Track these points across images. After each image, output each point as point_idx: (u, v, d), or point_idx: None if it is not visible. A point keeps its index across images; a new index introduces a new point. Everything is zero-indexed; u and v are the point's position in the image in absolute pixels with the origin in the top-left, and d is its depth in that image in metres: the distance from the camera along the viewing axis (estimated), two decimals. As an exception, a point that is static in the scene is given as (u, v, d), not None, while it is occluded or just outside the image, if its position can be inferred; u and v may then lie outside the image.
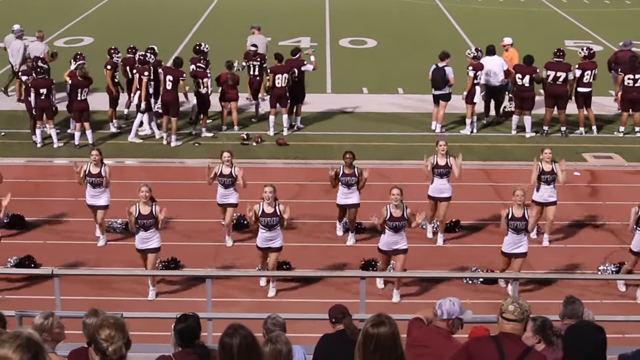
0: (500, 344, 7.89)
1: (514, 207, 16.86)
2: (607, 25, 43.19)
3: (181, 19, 42.52)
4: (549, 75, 25.97)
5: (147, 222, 16.89)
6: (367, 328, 7.44)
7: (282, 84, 25.74)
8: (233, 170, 19.02)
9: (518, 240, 17.02)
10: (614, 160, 25.00)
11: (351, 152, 19.27)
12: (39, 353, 5.12)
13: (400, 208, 16.80)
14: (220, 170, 19.05)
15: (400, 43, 38.38)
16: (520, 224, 16.88)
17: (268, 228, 16.99)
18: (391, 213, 16.80)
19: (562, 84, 26.02)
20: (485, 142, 26.03)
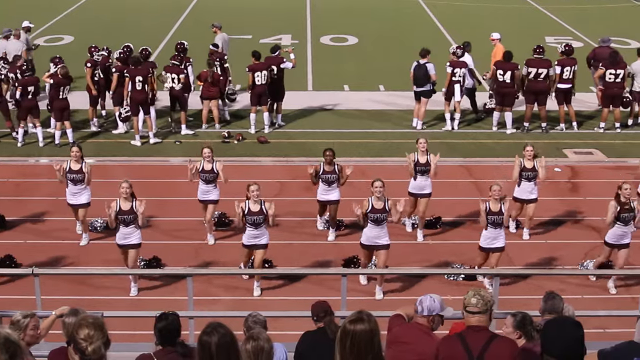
0: (464, 339, 8.01)
1: (491, 202, 16.96)
2: (587, 21, 43.36)
3: (162, 17, 42.44)
4: (530, 72, 26.04)
5: (128, 217, 16.86)
6: (345, 324, 7.47)
7: (261, 82, 25.70)
8: (214, 166, 19.02)
9: (496, 235, 17.12)
10: (594, 156, 25.07)
11: (331, 149, 19.30)
12: (16, 353, 5.10)
13: (382, 200, 16.83)
14: (202, 166, 19.04)
15: (381, 40, 38.42)
16: (497, 218, 16.97)
17: (254, 226, 16.99)
18: (373, 205, 16.83)
19: (542, 81, 26.11)
20: (466, 139, 26.08)
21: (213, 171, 19.03)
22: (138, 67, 24.99)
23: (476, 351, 7.96)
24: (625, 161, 24.53)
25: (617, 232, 17.21)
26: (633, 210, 17.10)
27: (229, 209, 19.75)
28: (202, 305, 15.61)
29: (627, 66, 26.46)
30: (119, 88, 25.47)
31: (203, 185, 19.19)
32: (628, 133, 26.79)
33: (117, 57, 25.86)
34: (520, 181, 19.30)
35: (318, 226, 20.17)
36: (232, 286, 17.52)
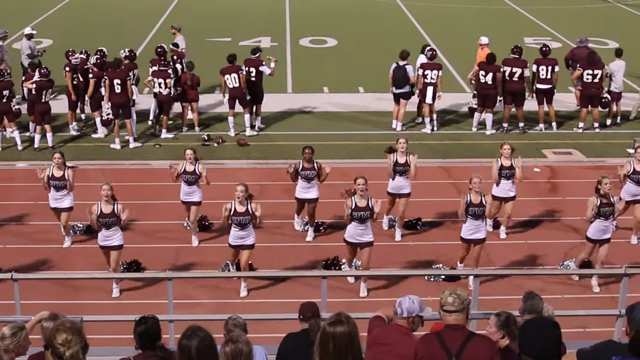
0: (442, 338, 8.05)
1: (472, 194, 17.02)
2: (566, 22, 43.52)
3: (141, 20, 42.35)
4: (505, 70, 26.14)
5: (109, 220, 16.88)
6: (324, 327, 7.48)
7: (233, 85, 25.65)
8: (197, 168, 19.01)
9: (477, 227, 17.20)
10: (573, 156, 25.16)
11: (310, 147, 19.38)
12: None
13: (365, 198, 16.88)
14: (184, 167, 19.03)
15: (360, 42, 38.46)
16: (478, 210, 17.06)
17: (240, 226, 17.03)
18: (356, 203, 16.87)
19: (518, 81, 26.18)
20: (446, 140, 26.13)
21: (195, 173, 19.03)
22: (117, 70, 24.94)
23: (454, 350, 8.01)
24: (604, 161, 24.63)
25: (599, 226, 17.29)
26: (613, 205, 17.19)
27: (210, 212, 19.76)
28: (182, 309, 15.56)
29: (605, 66, 26.56)
30: (97, 93, 25.42)
31: (185, 186, 19.18)
32: (607, 133, 26.90)
33: (94, 62, 25.77)
34: (499, 180, 19.37)
35: (295, 226, 20.18)
36: (214, 289, 17.49)
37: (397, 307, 8.88)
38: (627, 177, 19.32)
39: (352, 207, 16.88)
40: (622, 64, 27.18)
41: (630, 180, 19.32)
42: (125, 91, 24.81)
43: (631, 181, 19.33)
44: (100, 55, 25.93)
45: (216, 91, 30.20)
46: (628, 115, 28.06)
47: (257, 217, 17.05)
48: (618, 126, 27.46)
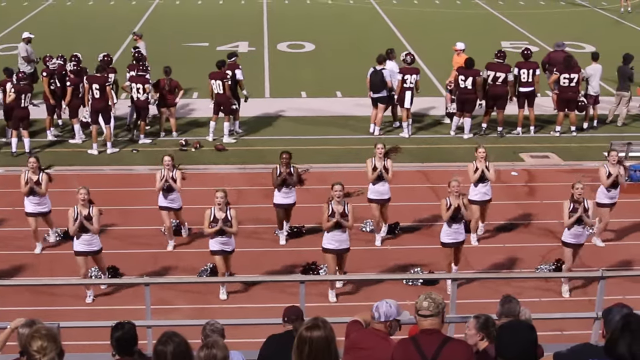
0: (418, 342, 8.06)
1: (451, 197, 17.07)
2: (543, 26, 43.70)
3: (118, 25, 42.22)
4: (489, 75, 26.23)
5: None
6: (301, 331, 7.47)
7: (217, 90, 25.62)
8: (174, 174, 18.97)
9: (457, 229, 17.25)
10: (550, 159, 25.26)
11: (288, 152, 19.39)
12: None
13: (341, 204, 16.91)
14: (163, 175, 18.99)
15: (338, 46, 38.49)
16: (458, 213, 17.07)
17: (220, 233, 17.00)
18: (333, 209, 16.88)
19: (502, 85, 26.28)
20: (424, 144, 26.17)
21: (172, 179, 18.99)
22: (96, 74, 24.89)
23: (430, 354, 8.01)
24: (581, 164, 24.74)
25: (574, 231, 17.36)
26: (587, 210, 17.27)
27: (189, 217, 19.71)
28: (160, 314, 15.54)
29: (581, 70, 26.67)
30: (74, 100, 25.36)
31: (163, 192, 19.13)
32: (584, 136, 27.01)
33: (71, 69, 25.68)
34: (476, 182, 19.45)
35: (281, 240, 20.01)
36: (192, 294, 17.44)
37: (375, 311, 8.89)
38: None
39: (329, 213, 16.90)
40: (599, 67, 27.31)
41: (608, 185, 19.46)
42: (104, 96, 24.73)
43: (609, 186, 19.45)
44: (76, 61, 25.83)
45: (194, 95, 30.18)
46: (605, 119, 28.21)
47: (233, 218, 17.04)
48: (595, 130, 27.58)
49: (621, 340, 6.40)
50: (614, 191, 19.51)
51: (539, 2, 51.36)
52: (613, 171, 19.34)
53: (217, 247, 17.22)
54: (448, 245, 17.47)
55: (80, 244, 17.07)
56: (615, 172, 19.34)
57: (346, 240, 17.24)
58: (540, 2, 51.39)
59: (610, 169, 19.37)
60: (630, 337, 6.38)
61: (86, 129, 25.86)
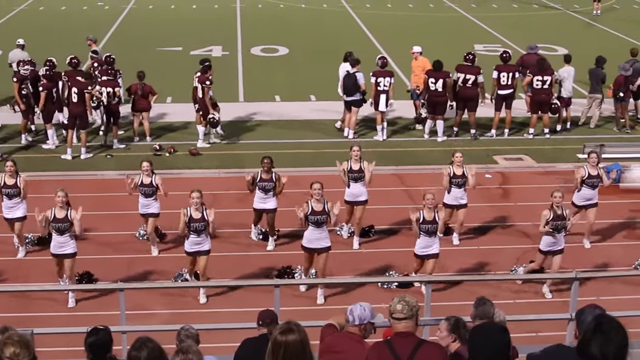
0: (392, 345, 8.08)
1: (425, 211, 17.05)
2: (515, 29, 43.89)
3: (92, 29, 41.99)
4: (459, 77, 26.33)
5: (62, 225, 16.81)
6: (275, 336, 7.46)
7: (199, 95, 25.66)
8: (153, 180, 18.93)
9: (430, 243, 17.23)
10: (524, 161, 25.35)
11: (269, 157, 19.39)
12: None
13: (321, 202, 17.01)
14: (141, 180, 18.95)
15: (311, 50, 38.51)
16: (431, 227, 17.09)
17: (196, 233, 17.04)
18: (312, 207, 16.96)
19: (471, 87, 26.37)
20: (398, 147, 26.22)
21: (152, 185, 18.96)
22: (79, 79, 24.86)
23: (404, 356, 8.03)
24: (554, 166, 24.85)
25: (550, 239, 17.41)
26: (565, 218, 17.33)
27: (164, 222, 19.66)
28: (136, 320, 15.48)
29: (554, 73, 26.80)
30: (48, 105, 25.26)
31: (142, 199, 19.11)
32: (557, 138, 27.14)
33: (43, 74, 25.57)
34: (450, 188, 19.47)
35: (252, 236, 20.14)
36: (168, 299, 17.40)
37: (349, 314, 8.90)
38: (583, 182, 19.49)
39: (309, 211, 16.94)
40: (571, 69, 27.45)
41: (586, 185, 19.52)
42: (82, 101, 24.65)
43: (587, 186, 19.53)
44: (49, 65, 25.73)
45: (168, 100, 30.12)
46: (577, 121, 28.36)
47: (211, 222, 17.04)
48: (568, 131, 27.73)
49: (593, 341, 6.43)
50: (589, 192, 19.59)
51: (511, 5, 51.59)
52: (593, 172, 19.44)
53: (191, 249, 17.22)
54: (419, 257, 17.48)
55: (53, 247, 17.02)
56: (595, 173, 19.45)
57: (326, 238, 17.31)
58: (513, 5, 51.63)
59: (590, 170, 19.47)
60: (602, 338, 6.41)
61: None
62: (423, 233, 17.15)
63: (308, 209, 17.02)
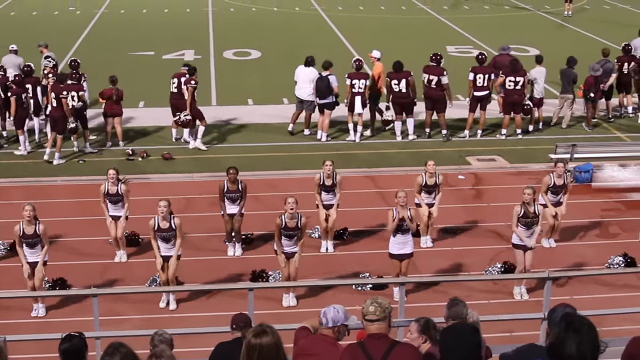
0: (365, 347, 8.09)
1: (398, 209, 17.09)
2: (487, 30, 44.02)
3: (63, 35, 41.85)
4: (424, 78, 26.45)
5: (32, 241, 16.71)
6: (249, 339, 7.45)
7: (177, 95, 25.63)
8: (119, 188, 18.87)
9: (405, 241, 17.28)
10: (496, 162, 25.43)
11: (235, 167, 19.31)
12: None
13: (295, 218, 16.96)
14: (107, 189, 18.88)
15: (284, 53, 38.46)
16: (405, 224, 17.12)
17: (165, 241, 17.02)
18: (286, 223, 16.95)
19: (436, 88, 26.43)
20: (370, 149, 26.24)
21: (118, 194, 18.91)
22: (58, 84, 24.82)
23: (378, 358, 8.05)
24: (527, 167, 24.96)
25: (522, 234, 17.51)
26: (537, 216, 17.43)
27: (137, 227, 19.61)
28: (110, 325, 15.44)
29: (526, 73, 26.91)
30: (19, 111, 25.14)
31: (110, 206, 19.04)
32: (529, 139, 27.24)
33: (12, 79, 25.44)
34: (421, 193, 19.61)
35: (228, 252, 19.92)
36: (141, 304, 17.35)
37: (322, 317, 8.90)
38: (548, 189, 19.66)
39: (282, 226, 16.95)
40: (543, 70, 27.59)
41: (551, 192, 19.69)
42: (60, 106, 24.54)
43: (551, 193, 19.68)
44: (22, 71, 25.61)
45: (140, 105, 30.06)
46: (549, 121, 28.49)
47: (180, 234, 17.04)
48: (540, 132, 27.85)
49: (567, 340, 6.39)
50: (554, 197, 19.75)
51: (483, 7, 51.75)
52: (558, 182, 19.60)
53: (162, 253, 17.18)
54: (395, 256, 17.49)
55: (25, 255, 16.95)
56: (561, 183, 19.60)
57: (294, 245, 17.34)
58: (485, 7, 51.79)
59: (555, 180, 19.61)
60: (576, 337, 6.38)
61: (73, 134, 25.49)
62: (397, 231, 17.19)
63: (281, 224, 17.00)
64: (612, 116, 29.27)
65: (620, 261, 18.98)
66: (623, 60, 29.04)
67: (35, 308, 17.09)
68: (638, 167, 24.57)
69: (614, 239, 20.66)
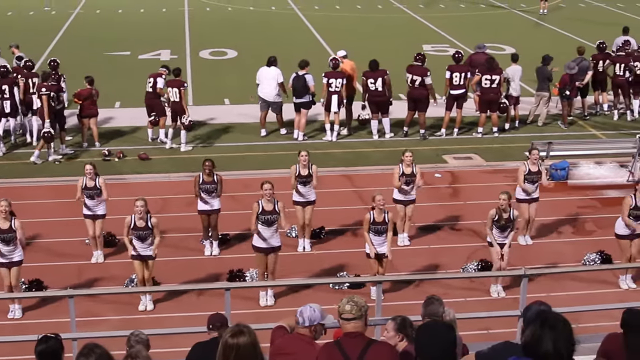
0: (342, 346, 8.10)
1: (375, 212, 17.11)
2: (463, 28, 44.14)
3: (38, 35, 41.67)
4: (407, 77, 26.45)
5: (7, 236, 16.63)
6: (226, 339, 7.45)
7: (174, 98, 25.51)
8: (97, 182, 18.82)
9: (380, 242, 17.30)
10: (473, 160, 25.50)
11: (210, 160, 19.34)
12: None
13: (271, 202, 17.03)
14: (85, 183, 18.84)
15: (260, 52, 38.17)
16: (381, 227, 17.16)
17: (141, 240, 17.00)
18: (263, 207, 16.99)
19: (420, 87, 26.46)
20: (347, 148, 26.26)
21: (96, 187, 18.86)
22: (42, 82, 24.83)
23: (354, 357, 8.06)
24: (503, 165, 25.01)
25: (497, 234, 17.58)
26: (512, 220, 17.48)
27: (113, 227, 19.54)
28: (87, 326, 15.39)
29: (502, 72, 26.99)
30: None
31: (88, 201, 18.96)
32: (505, 137, 27.33)
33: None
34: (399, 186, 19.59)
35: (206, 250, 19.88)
36: (118, 305, 17.29)
37: (299, 316, 8.91)
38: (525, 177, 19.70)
39: (259, 211, 16.95)
40: (519, 68, 27.68)
41: (527, 181, 19.71)
42: None
43: (527, 182, 19.72)
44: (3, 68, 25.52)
45: (116, 105, 29.97)
46: (525, 119, 28.58)
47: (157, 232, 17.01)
48: (516, 130, 27.94)
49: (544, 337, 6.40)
50: (531, 186, 19.79)
51: (459, 5, 51.92)
52: (533, 169, 19.64)
53: (136, 253, 17.15)
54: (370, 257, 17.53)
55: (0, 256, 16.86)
56: (536, 169, 19.65)
57: (276, 238, 17.35)
58: (461, 5, 51.96)
59: (530, 167, 19.66)
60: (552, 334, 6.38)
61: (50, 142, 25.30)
62: (373, 233, 17.22)
63: (259, 209, 17.02)
64: (587, 114, 29.41)
65: (596, 258, 19.06)
66: (598, 58, 29.17)
67: (11, 310, 17.03)
68: (613, 164, 24.68)
69: (590, 236, 20.76)
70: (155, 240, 17.08)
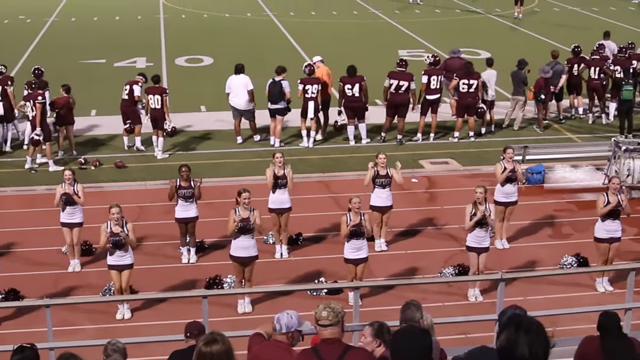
0: (319, 352, 8.11)
1: (352, 214, 17.12)
2: (438, 33, 44.24)
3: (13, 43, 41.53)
4: (392, 84, 26.44)
5: None
6: (200, 347, 7.45)
7: (155, 106, 25.50)
8: (75, 188, 18.76)
9: (359, 246, 17.29)
10: (450, 165, 25.56)
11: (187, 165, 19.38)
12: None
13: (248, 210, 17.01)
14: (64, 189, 18.78)
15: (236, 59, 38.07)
16: (359, 229, 17.14)
17: (118, 247, 16.91)
18: (241, 214, 16.95)
19: (403, 93, 26.49)
20: (323, 154, 26.27)
21: (75, 193, 18.79)
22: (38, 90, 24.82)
23: None
24: (479, 169, 25.06)
25: (477, 234, 17.61)
26: (489, 214, 17.54)
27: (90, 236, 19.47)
28: (64, 336, 15.34)
29: (480, 76, 27.06)
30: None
31: (67, 208, 18.89)
32: (482, 141, 27.41)
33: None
34: (374, 188, 19.60)
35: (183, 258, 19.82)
36: (95, 314, 17.23)
37: (276, 323, 8.91)
38: None
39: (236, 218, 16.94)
40: (494, 73, 27.80)
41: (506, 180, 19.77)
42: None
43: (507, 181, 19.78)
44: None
45: (92, 113, 29.88)
46: (501, 123, 28.67)
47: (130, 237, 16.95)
48: (492, 134, 28.04)
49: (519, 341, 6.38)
50: (510, 186, 19.86)
51: (434, 10, 52.05)
52: (509, 167, 19.74)
53: (113, 262, 17.07)
54: (350, 261, 17.49)
55: None
56: (511, 167, 19.74)
57: (253, 247, 17.30)
58: (436, 10, 52.09)
59: (506, 164, 19.76)
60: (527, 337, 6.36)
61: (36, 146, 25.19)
62: (352, 236, 17.21)
63: (236, 216, 17.01)
64: (562, 117, 29.56)
65: (572, 261, 19.15)
66: (573, 62, 29.32)
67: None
68: (589, 167, 24.78)
69: (567, 239, 20.84)
70: (130, 236, 16.99)
